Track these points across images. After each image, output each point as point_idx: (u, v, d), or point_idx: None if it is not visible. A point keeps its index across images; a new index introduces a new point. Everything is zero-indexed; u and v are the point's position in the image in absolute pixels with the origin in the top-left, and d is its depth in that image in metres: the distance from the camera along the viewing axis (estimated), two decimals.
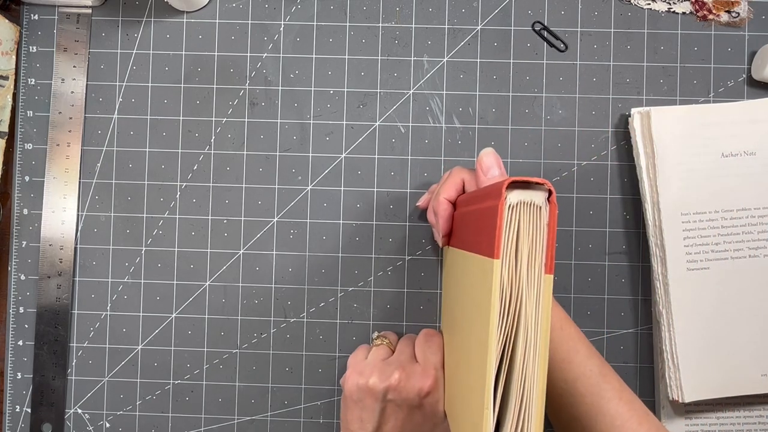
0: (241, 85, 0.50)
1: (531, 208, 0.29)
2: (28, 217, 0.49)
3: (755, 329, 0.45)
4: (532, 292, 0.29)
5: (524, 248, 0.29)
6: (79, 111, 0.49)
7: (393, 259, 0.49)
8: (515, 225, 0.29)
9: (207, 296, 0.49)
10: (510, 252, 0.29)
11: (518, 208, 0.29)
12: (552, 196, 0.29)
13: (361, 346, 0.45)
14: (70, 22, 0.50)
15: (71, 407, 0.50)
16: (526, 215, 0.29)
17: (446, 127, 0.49)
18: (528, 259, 0.29)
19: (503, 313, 0.29)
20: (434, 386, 0.39)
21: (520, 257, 0.29)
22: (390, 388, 0.39)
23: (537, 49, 0.49)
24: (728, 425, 0.47)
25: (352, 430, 0.41)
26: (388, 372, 0.40)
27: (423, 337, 0.43)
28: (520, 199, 0.29)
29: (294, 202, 0.49)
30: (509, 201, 0.29)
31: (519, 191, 0.29)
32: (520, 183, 0.29)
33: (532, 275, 0.29)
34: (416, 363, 0.41)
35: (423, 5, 0.49)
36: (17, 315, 0.50)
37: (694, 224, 0.45)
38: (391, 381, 0.39)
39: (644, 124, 0.46)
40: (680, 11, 0.49)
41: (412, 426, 0.40)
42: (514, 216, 0.29)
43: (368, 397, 0.40)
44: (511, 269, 0.29)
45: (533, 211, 0.29)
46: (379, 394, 0.39)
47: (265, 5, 0.50)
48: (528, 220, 0.29)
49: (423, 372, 0.39)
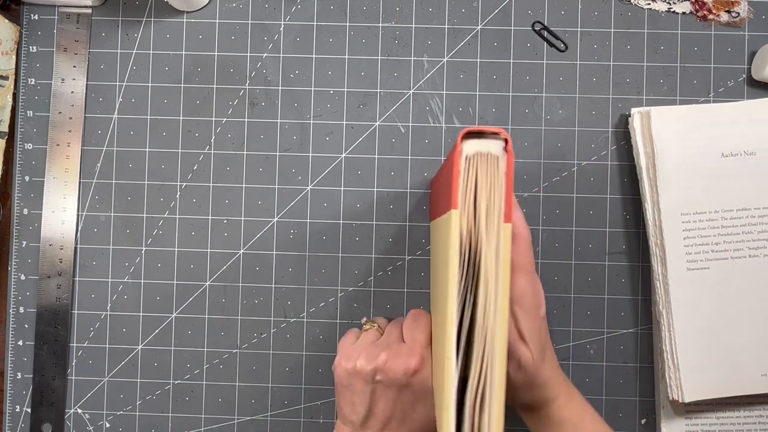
0: (241, 85, 0.50)
1: (488, 159, 0.29)
2: (28, 217, 0.49)
3: (755, 329, 0.45)
4: (492, 241, 0.29)
5: (482, 199, 0.29)
6: (79, 111, 0.50)
7: (393, 259, 0.49)
8: (473, 176, 0.29)
9: (207, 296, 0.49)
10: (468, 203, 0.29)
11: (475, 159, 0.29)
12: (508, 145, 0.29)
13: (351, 330, 0.46)
14: (70, 22, 0.50)
15: (71, 407, 0.50)
16: (484, 166, 0.29)
17: (446, 127, 0.49)
18: (487, 210, 0.29)
19: (463, 262, 0.29)
20: (421, 364, 0.39)
21: (478, 208, 0.29)
22: (377, 369, 0.39)
23: (537, 49, 0.49)
24: (728, 425, 0.47)
25: (345, 415, 0.41)
26: (374, 353, 0.40)
27: (410, 317, 0.43)
28: (477, 149, 0.29)
29: (294, 202, 0.49)
30: (465, 152, 0.29)
31: (475, 141, 0.29)
32: (476, 133, 0.29)
33: (491, 225, 0.29)
34: (403, 343, 0.41)
35: (423, 5, 0.49)
36: (17, 315, 0.50)
37: (694, 224, 0.45)
38: (377, 362, 0.39)
39: (644, 124, 0.46)
40: (680, 11, 0.49)
41: (403, 405, 0.40)
42: (471, 167, 0.29)
43: (357, 381, 0.40)
44: (470, 220, 0.29)
45: (491, 162, 0.29)
46: (368, 376, 0.39)
47: (265, 5, 0.50)
48: (485, 170, 0.29)
49: (409, 351, 0.40)
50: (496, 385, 0.29)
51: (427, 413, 0.41)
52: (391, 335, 0.42)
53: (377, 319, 0.47)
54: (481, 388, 0.29)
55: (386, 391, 0.40)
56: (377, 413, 0.40)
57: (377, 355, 0.40)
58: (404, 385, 0.39)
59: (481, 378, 0.29)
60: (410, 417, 0.41)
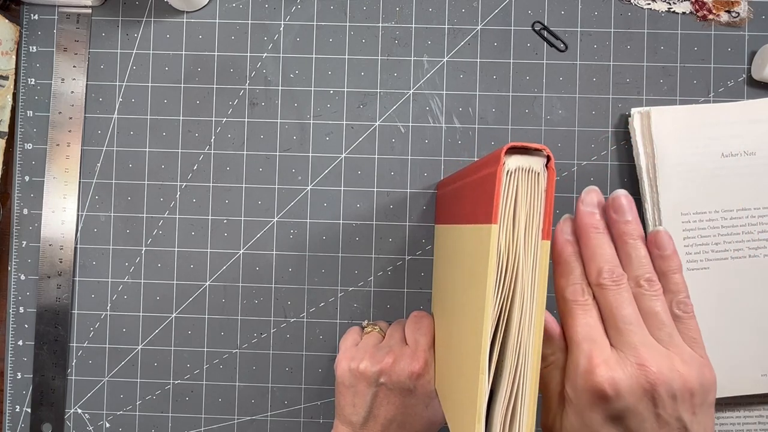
0: (241, 85, 0.50)
1: (529, 174, 0.29)
2: (28, 217, 0.49)
3: (755, 329, 0.45)
4: (529, 259, 0.29)
5: (522, 215, 0.29)
6: (79, 111, 0.49)
7: (393, 259, 0.49)
8: (513, 191, 0.29)
9: (207, 296, 0.49)
10: (507, 218, 0.29)
11: (516, 174, 0.29)
12: (550, 162, 0.29)
13: (352, 329, 0.46)
14: (70, 22, 0.50)
15: (71, 407, 0.50)
16: (525, 181, 0.29)
17: (446, 127, 0.49)
18: (525, 226, 0.29)
19: (500, 277, 0.29)
20: (424, 368, 0.40)
21: (517, 224, 0.29)
22: (382, 372, 0.40)
23: (537, 49, 0.49)
24: (728, 425, 0.47)
25: (345, 415, 0.41)
26: (379, 356, 0.40)
27: (412, 319, 0.43)
28: (519, 165, 0.29)
29: (294, 202, 0.49)
30: (507, 167, 0.29)
31: (517, 157, 0.29)
32: (519, 149, 0.29)
33: (529, 242, 0.29)
34: (406, 346, 0.41)
35: (423, 5, 0.49)
36: (17, 315, 0.50)
37: (694, 224, 0.45)
38: (382, 365, 0.40)
39: (644, 124, 0.46)
40: (680, 11, 0.49)
41: (405, 408, 0.40)
42: (512, 182, 0.29)
43: (360, 382, 0.40)
44: (508, 235, 0.29)
45: (531, 178, 0.29)
46: (371, 378, 0.40)
47: (265, 5, 0.50)
48: (526, 186, 0.29)
49: (413, 354, 0.40)
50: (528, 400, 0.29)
51: (428, 416, 0.41)
52: (393, 338, 0.43)
53: (378, 322, 0.48)
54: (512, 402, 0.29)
55: (389, 394, 0.40)
56: (378, 415, 0.40)
57: (382, 358, 0.40)
58: (407, 389, 0.40)
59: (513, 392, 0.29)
60: (411, 420, 0.41)
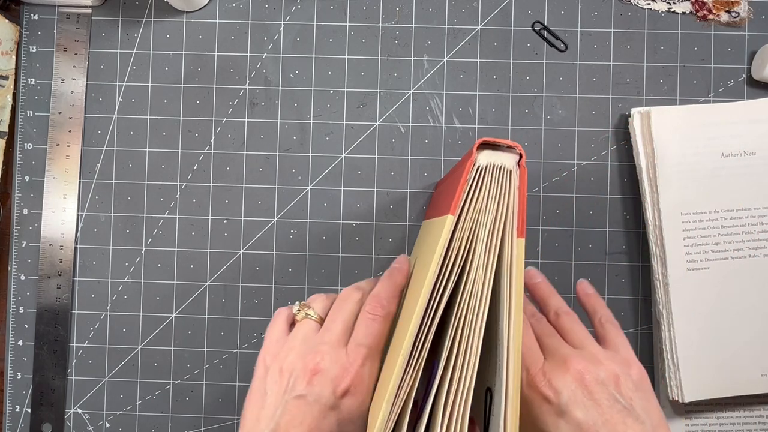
0: (241, 85, 0.50)
1: (501, 171, 0.29)
2: (28, 217, 0.49)
3: (755, 329, 0.45)
4: (492, 254, 0.29)
5: (492, 210, 0.29)
6: (79, 111, 0.49)
7: (393, 259, 0.49)
8: (485, 187, 0.29)
9: (207, 296, 0.49)
10: (473, 212, 0.29)
11: (488, 171, 0.29)
12: (522, 160, 0.29)
13: (279, 315, 0.36)
14: (70, 22, 0.50)
15: (71, 407, 0.50)
16: (496, 178, 0.29)
17: (446, 127, 0.49)
18: (495, 222, 0.29)
19: (447, 266, 0.29)
20: (356, 384, 0.31)
21: (483, 219, 0.29)
22: (301, 378, 0.31)
23: (537, 49, 0.49)
24: (728, 425, 0.47)
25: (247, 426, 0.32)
26: (307, 357, 0.31)
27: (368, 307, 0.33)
28: (491, 161, 0.29)
29: (294, 202, 0.49)
30: (479, 162, 0.29)
31: (489, 152, 0.29)
32: (492, 144, 0.29)
33: (495, 237, 0.29)
34: (343, 349, 0.32)
35: (423, 5, 0.49)
36: (17, 315, 0.50)
37: (694, 224, 0.45)
38: (306, 370, 0.31)
39: (644, 124, 0.46)
40: (680, 11, 0.49)
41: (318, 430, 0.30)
42: (482, 178, 0.29)
43: (275, 386, 0.32)
44: (467, 228, 0.29)
45: (503, 175, 0.29)
46: (286, 385, 0.31)
47: (265, 5, 0.50)
48: (498, 183, 0.29)
49: (346, 363, 0.31)
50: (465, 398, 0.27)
51: None
52: (331, 331, 0.33)
53: (314, 300, 0.36)
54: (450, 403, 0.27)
55: (304, 409, 0.30)
56: None
57: (309, 361, 0.31)
58: (328, 406, 0.31)
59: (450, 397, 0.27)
60: None
